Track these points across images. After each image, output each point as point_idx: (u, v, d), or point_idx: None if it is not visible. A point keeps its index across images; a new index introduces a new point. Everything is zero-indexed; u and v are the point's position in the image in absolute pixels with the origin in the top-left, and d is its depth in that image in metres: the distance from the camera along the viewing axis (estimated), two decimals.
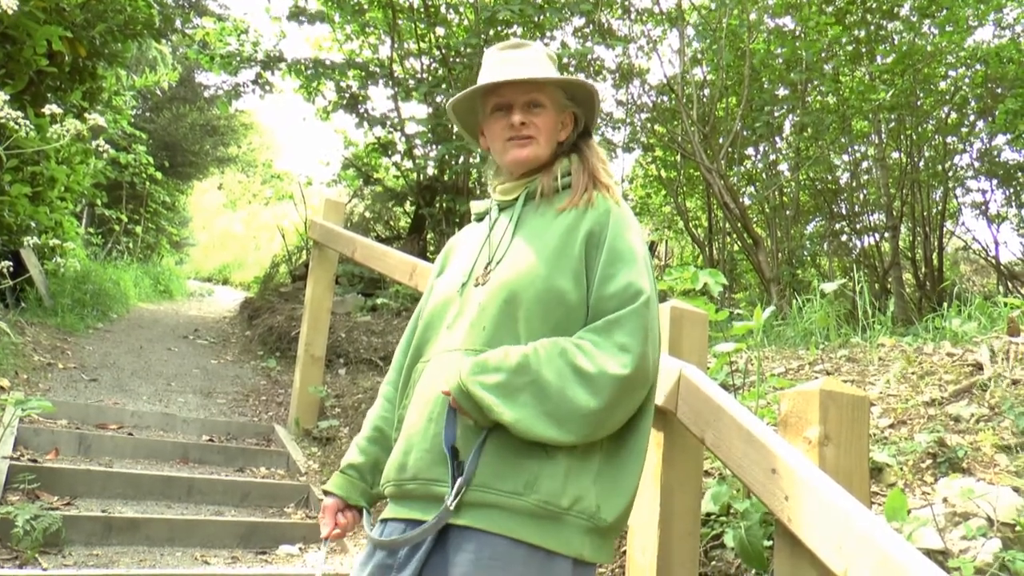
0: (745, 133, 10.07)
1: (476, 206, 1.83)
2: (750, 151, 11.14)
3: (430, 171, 9.40)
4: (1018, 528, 2.30)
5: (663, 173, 12.21)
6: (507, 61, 1.69)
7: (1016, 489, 2.52)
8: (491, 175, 1.81)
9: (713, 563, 2.68)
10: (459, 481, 1.42)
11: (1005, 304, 4.82)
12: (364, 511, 1.71)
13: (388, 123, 9.16)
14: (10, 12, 3.68)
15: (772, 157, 10.94)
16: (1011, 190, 11.14)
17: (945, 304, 5.47)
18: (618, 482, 1.50)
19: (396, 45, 9.35)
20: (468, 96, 1.73)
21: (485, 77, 1.70)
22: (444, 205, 8.83)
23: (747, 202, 10.91)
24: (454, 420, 1.48)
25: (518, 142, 1.67)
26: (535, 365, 1.44)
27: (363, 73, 9.07)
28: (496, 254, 1.63)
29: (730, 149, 9.74)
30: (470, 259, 1.69)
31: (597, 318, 1.51)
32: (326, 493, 1.74)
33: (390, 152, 9.77)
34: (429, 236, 9.60)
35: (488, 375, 1.45)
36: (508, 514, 1.41)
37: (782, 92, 10.23)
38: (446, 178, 9.19)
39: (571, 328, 1.52)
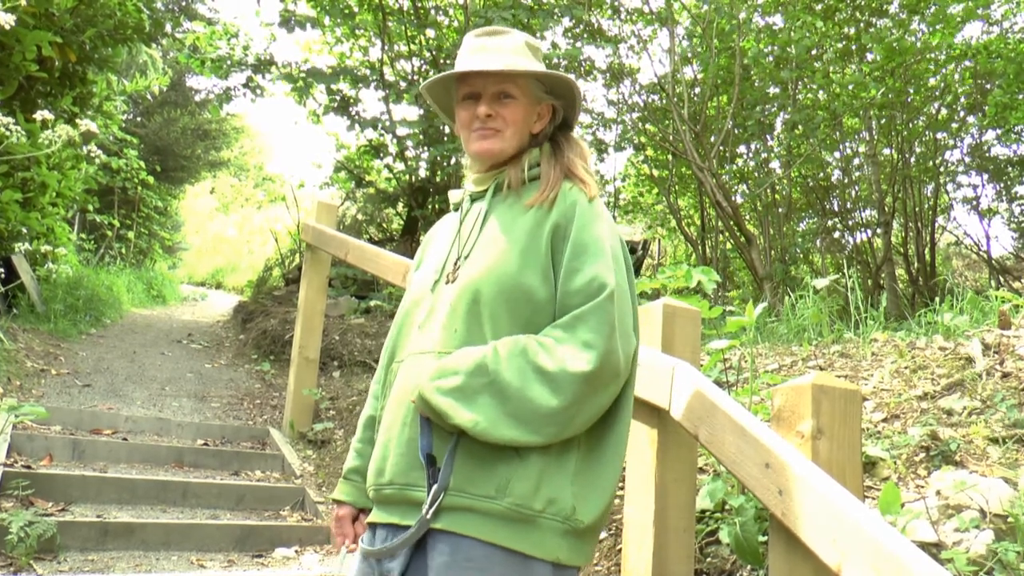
0: (736, 131, 10.09)
1: (453, 195, 1.79)
2: (742, 149, 11.18)
3: (422, 173, 9.40)
4: (1010, 519, 2.31)
5: (655, 172, 12.23)
6: (482, 49, 1.64)
7: (1008, 481, 2.53)
8: (466, 163, 1.77)
9: (709, 559, 2.69)
10: (435, 488, 1.40)
11: (996, 298, 4.84)
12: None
13: (379, 125, 9.15)
14: (7, 28, 3.65)
15: (764, 155, 10.97)
16: (1002, 184, 11.22)
17: (937, 299, 5.49)
18: (596, 482, 1.46)
19: (386, 47, 9.35)
20: (442, 80, 1.70)
21: (459, 63, 1.66)
22: (436, 206, 8.83)
23: (739, 200, 10.94)
24: (429, 427, 1.45)
25: (481, 133, 1.62)
26: (493, 365, 1.41)
27: (354, 76, 9.07)
28: (465, 249, 1.60)
29: (722, 147, 9.76)
30: (443, 254, 1.66)
31: (564, 314, 1.46)
32: (336, 502, 1.72)
33: (382, 154, 9.77)
34: (422, 237, 9.58)
35: (446, 379, 1.42)
36: (482, 517, 1.39)
37: (773, 90, 10.26)
38: (438, 179, 9.18)
39: (540, 326, 1.48)
